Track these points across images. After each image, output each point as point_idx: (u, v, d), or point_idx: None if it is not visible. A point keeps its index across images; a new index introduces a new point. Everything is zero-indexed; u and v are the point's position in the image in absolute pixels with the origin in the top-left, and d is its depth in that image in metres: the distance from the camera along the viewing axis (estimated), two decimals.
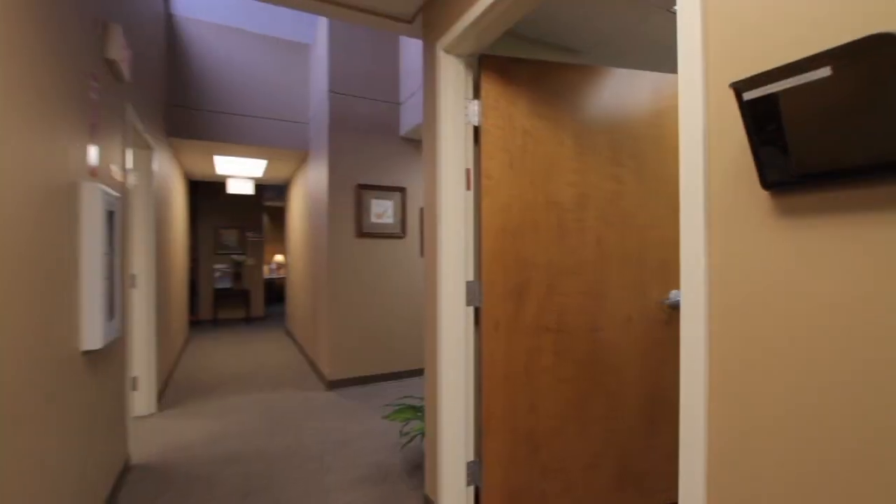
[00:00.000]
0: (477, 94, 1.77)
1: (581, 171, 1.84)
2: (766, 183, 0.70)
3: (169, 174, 4.09)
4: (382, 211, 3.83)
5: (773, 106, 0.66)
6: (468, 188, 1.78)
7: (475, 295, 1.77)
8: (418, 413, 2.09)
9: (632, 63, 2.53)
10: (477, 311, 1.78)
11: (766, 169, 0.70)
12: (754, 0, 0.74)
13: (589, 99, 1.87)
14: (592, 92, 1.87)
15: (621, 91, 1.92)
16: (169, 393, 3.62)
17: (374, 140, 3.90)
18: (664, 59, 2.50)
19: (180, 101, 3.99)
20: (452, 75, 1.77)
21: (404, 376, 4.09)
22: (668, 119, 2.00)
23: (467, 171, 1.78)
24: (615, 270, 1.88)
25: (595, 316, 1.84)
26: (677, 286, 2.03)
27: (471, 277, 1.79)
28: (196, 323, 7.16)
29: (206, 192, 7.25)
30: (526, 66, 1.78)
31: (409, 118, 3.78)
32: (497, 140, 1.74)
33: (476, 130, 1.79)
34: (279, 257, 9.80)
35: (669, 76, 2.00)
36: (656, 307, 1.96)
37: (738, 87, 0.69)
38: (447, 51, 1.75)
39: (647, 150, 1.96)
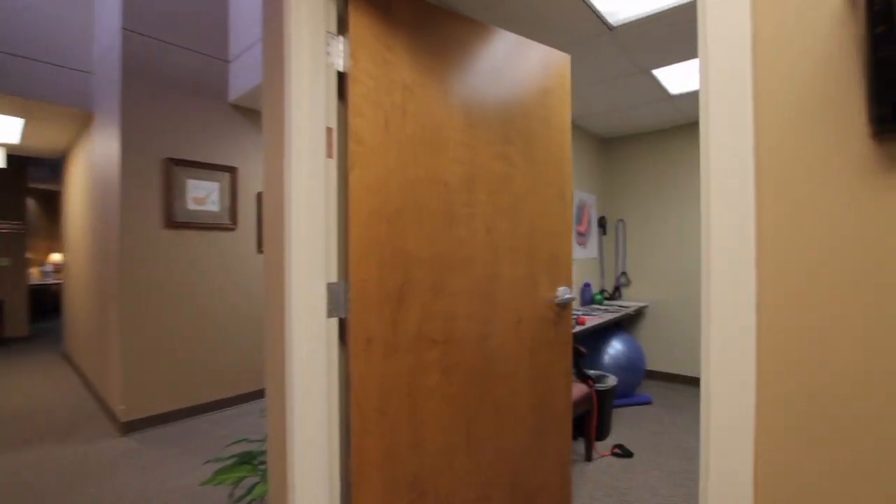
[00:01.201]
0: (343, 29, 1.30)
1: (470, 145, 1.51)
2: (881, 117, 0.43)
3: None
4: (204, 195, 3.00)
5: None
6: (330, 155, 1.30)
7: (340, 302, 1.30)
8: (258, 466, 1.52)
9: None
10: (343, 324, 1.31)
11: (883, 95, 0.42)
12: None
13: (480, 61, 1.55)
14: (485, 53, 1.56)
15: (513, 58, 1.66)
16: None
17: (191, 104, 3.03)
18: (538, 33, 2.36)
19: None
20: None
21: (240, 401, 3.31)
22: (555, 99, 1.82)
23: (328, 130, 1.29)
24: (506, 265, 1.61)
25: (486, 320, 1.54)
26: (566, 282, 1.87)
27: (334, 278, 1.31)
28: None
29: None
30: (409, 4, 1.37)
31: (243, 80, 3.04)
32: (369, 92, 1.30)
33: (341, 78, 1.31)
34: (57, 256, 7.52)
35: (557, 52, 1.83)
36: (546, 306, 1.76)
37: None
38: None
39: (535, 129, 1.74)
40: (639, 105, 3.56)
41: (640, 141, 4.46)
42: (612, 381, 2.76)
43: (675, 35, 2.39)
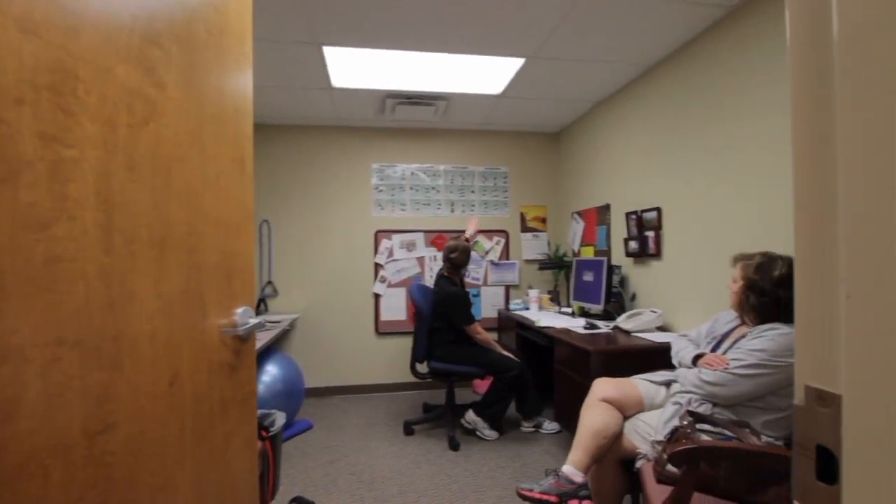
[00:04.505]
0: None
1: (61, 5, 0.66)
2: None
3: None
4: None
5: None
6: None
7: None
8: None
9: None
10: None
11: None
12: None
13: None
14: None
15: None
16: None
17: None
18: None
19: None
20: None
21: None
22: (233, 5, 1.15)
23: None
24: (148, 275, 0.83)
25: (102, 394, 0.72)
26: (248, 299, 1.21)
27: None
28: None
29: None
30: None
31: None
32: None
33: None
34: None
35: None
36: (219, 341, 1.07)
37: None
38: None
39: (203, 41, 1.03)
40: (297, 89, 3.15)
41: (293, 133, 4.05)
42: (280, 418, 2.19)
43: (367, 8, 2.14)
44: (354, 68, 2.85)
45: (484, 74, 3.01)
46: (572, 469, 1.63)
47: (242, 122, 1.22)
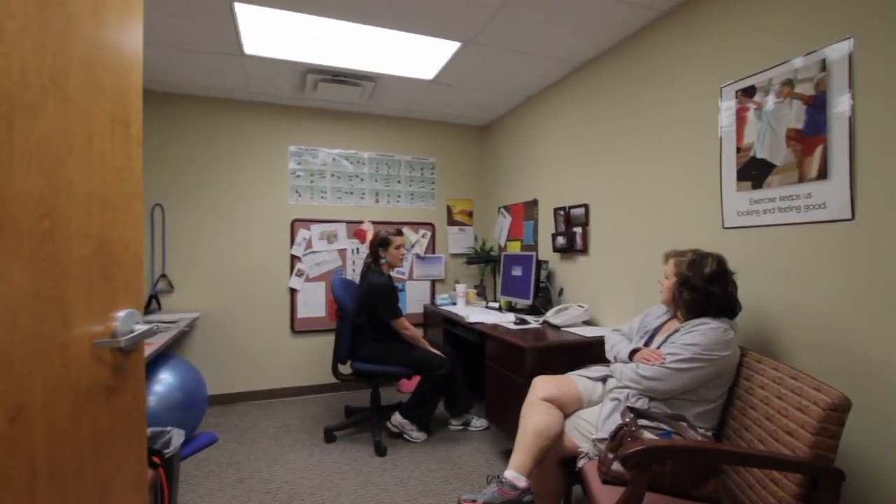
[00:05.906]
0: None
1: None
2: None
3: None
4: None
5: None
6: None
7: None
8: None
9: None
10: None
11: None
12: None
13: None
14: None
15: None
16: None
17: None
18: None
19: None
20: None
21: None
22: None
23: None
24: None
25: None
26: (133, 300, 0.95)
27: None
28: None
29: None
30: None
31: None
32: None
33: None
34: None
35: None
36: (90, 356, 0.81)
37: None
38: None
39: None
40: (200, 52, 2.72)
41: (195, 105, 3.55)
42: (177, 437, 1.86)
43: None
44: (272, 34, 2.52)
45: (417, 56, 2.83)
46: (515, 474, 1.56)
47: (128, 73, 0.94)
